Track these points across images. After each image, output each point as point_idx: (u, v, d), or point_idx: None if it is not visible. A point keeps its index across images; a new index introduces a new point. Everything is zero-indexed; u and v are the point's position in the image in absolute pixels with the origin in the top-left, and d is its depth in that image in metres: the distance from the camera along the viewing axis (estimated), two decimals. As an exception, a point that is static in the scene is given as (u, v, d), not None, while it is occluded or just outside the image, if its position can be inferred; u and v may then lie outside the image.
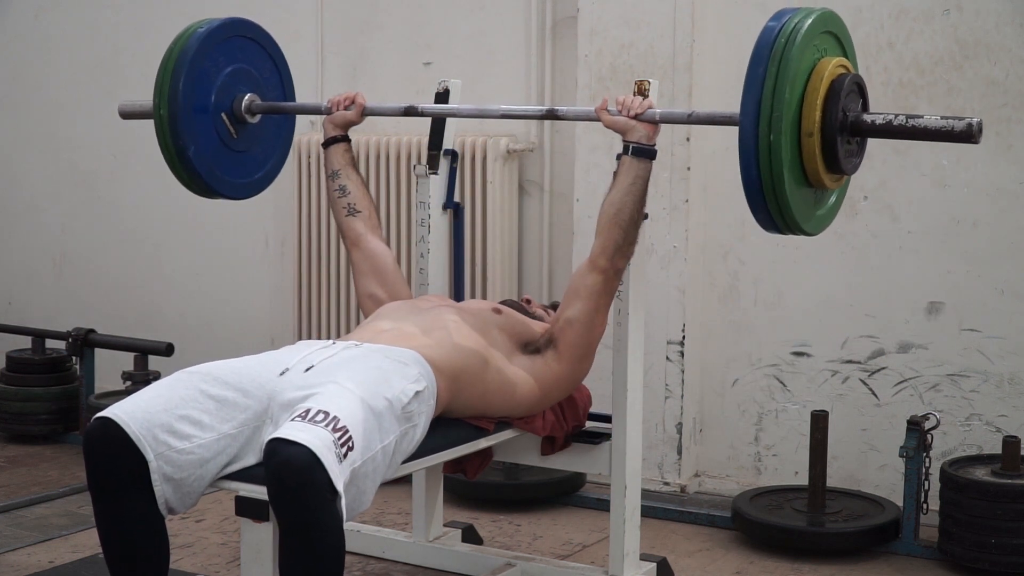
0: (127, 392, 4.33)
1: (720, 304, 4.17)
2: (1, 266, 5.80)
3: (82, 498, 4.11)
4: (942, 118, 2.61)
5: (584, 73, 4.21)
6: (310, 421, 2.39)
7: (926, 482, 3.59)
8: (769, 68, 2.55)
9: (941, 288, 3.88)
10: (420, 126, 4.26)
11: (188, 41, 3.23)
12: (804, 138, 2.60)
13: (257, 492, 2.48)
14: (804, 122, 2.59)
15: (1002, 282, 3.81)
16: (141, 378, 4.53)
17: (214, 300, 5.23)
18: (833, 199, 2.83)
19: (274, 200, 4.81)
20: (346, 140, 3.34)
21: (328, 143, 3.34)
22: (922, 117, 2.62)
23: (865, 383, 3.99)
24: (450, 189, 3.54)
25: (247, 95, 3.35)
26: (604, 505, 3.59)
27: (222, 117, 3.31)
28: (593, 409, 3.35)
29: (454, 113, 3.42)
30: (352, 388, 2.53)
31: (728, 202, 4.07)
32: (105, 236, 5.50)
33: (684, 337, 4.12)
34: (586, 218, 4.19)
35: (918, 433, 3.58)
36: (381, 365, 2.68)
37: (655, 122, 2.96)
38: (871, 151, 3.92)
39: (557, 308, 3.36)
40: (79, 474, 4.34)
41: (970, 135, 2.57)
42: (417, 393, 2.67)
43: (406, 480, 3.58)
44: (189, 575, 3.46)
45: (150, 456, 2.49)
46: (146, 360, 4.63)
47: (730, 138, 4.11)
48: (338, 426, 2.40)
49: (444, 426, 2.89)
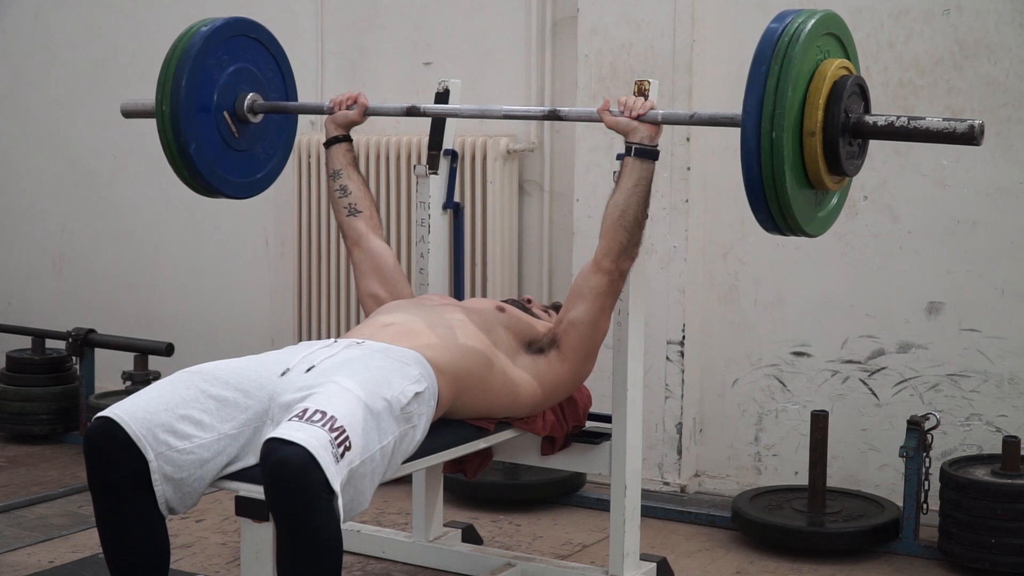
0: (127, 392, 4.33)
1: (720, 304, 4.17)
2: (1, 266, 5.80)
3: (82, 498, 4.11)
4: (944, 120, 2.61)
5: (584, 73, 4.20)
6: (307, 421, 2.39)
7: (926, 482, 3.59)
8: (772, 67, 2.54)
9: (941, 288, 3.88)
10: (420, 126, 4.26)
11: (192, 39, 3.23)
12: (806, 138, 2.59)
13: (257, 492, 2.48)
14: (806, 122, 2.59)
15: (1002, 282, 3.81)
16: (141, 378, 4.53)
17: (214, 300, 5.23)
18: (835, 201, 2.82)
19: (274, 200, 4.81)
20: (348, 140, 3.33)
21: (330, 143, 3.33)
22: (924, 119, 2.62)
23: (865, 383, 3.99)
24: (450, 189, 3.53)
25: (249, 94, 3.35)
26: (604, 505, 3.59)
27: (224, 116, 3.31)
28: (593, 409, 3.35)
29: (456, 113, 3.41)
30: (351, 388, 2.52)
31: (728, 202, 4.07)
32: (105, 236, 5.50)
33: (684, 337, 4.12)
34: (586, 218, 4.19)
35: (918, 433, 3.58)
36: (382, 365, 2.67)
37: (657, 123, 2.95)
38: (871, 151, 3.93)
39: (558, 309, 3.36)
40: (79, 474, 4.34)
41: (972, 137, 2.57)
42: (417, 394, 2.66)
43: (406, 480, 3.58)
44: (189, 575, 3.46)
45: (150, 456, 2.49)
46: (146, 360, 4.63)
47: (730, 138, 4.13)
48: (335, 426, 2.39)
49: (444, 426, 2.88)
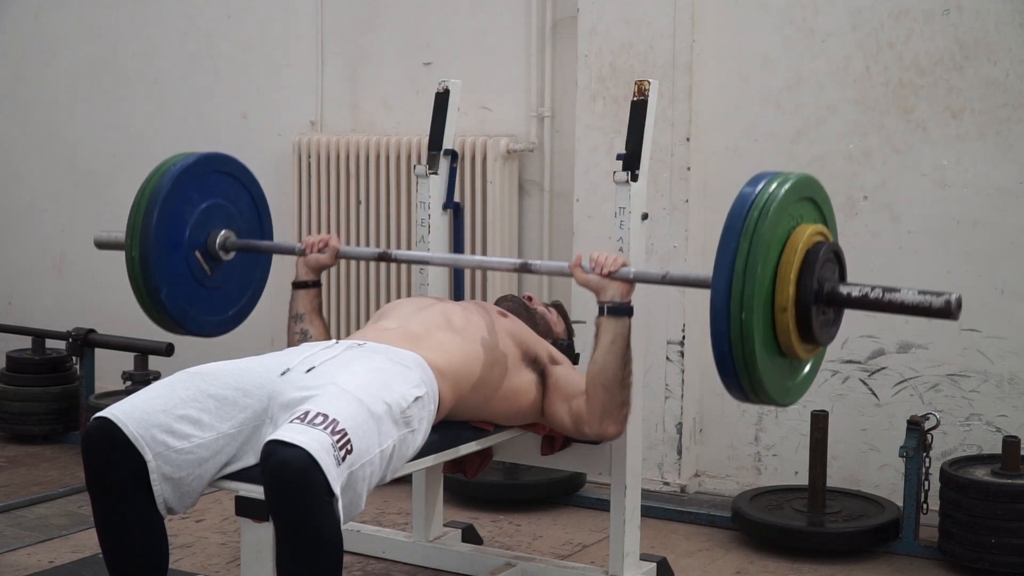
0: (127, 392, 4.33)
1: (720, 304, 4.16)
2: (1, 266, 5.80)
3: (82, 498, 4.11)
4: (920, 292, 2.52)
5: (584, 73, 4.20)
6: (309, 423, 2.39)
7: (926, 482, 3.59)
8: (741, 244, 2.48)
9: (941, 288, 3.85)
10: (420, 126, 4.26)
11: (161, 180, 3.18)
12: (778, 313, 2.52)
13: (257, 492, 2.48)
14: (778, 297, 2.52)
15: (1002, 282, 3.81)
16: (141, 378, 4.53)
17: (214, 300, 5.22)
18: (808, 368, 2.74)
19: (274, 200, 4.79)
20: (317, 285, 3.26)
21: (298, 286, 3.25)
22: (899, 291, 2.54)
23: (865, 383, 3.98)
24: (450, 189, 3.53)
25: (222, 231, 3.29)
26: (604, 505, 3.59)
27: (196, 255, 3.24)
28: (593, 409, 3.35)
29: (427, 261, 3.34)
30: (352, 390, 2.52)
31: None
32: (105, 236, 5.50)
33: (684, 337, 4.12)
34: (586, 218, 4.19)
35: (918, 433, 3.58)
36: (383, 367, 2.67)
37: (629, 281, 2.90)
38: (872, 151, 3.94)
39: (558, 307, 3.36)
40: (79, 474, 4.34)
41: (948, 312, 2.49)
42: (417, 398, 2.65)
43: (406, 480, 3.57)
44: (189, 575, 3.46)
45: (148, 456, 2.49)
46: (146, 360, 4.63)
47: (730, 138, 4.14)
48: (337, 428, 2.39)
49: (444, 426, 2.88)
